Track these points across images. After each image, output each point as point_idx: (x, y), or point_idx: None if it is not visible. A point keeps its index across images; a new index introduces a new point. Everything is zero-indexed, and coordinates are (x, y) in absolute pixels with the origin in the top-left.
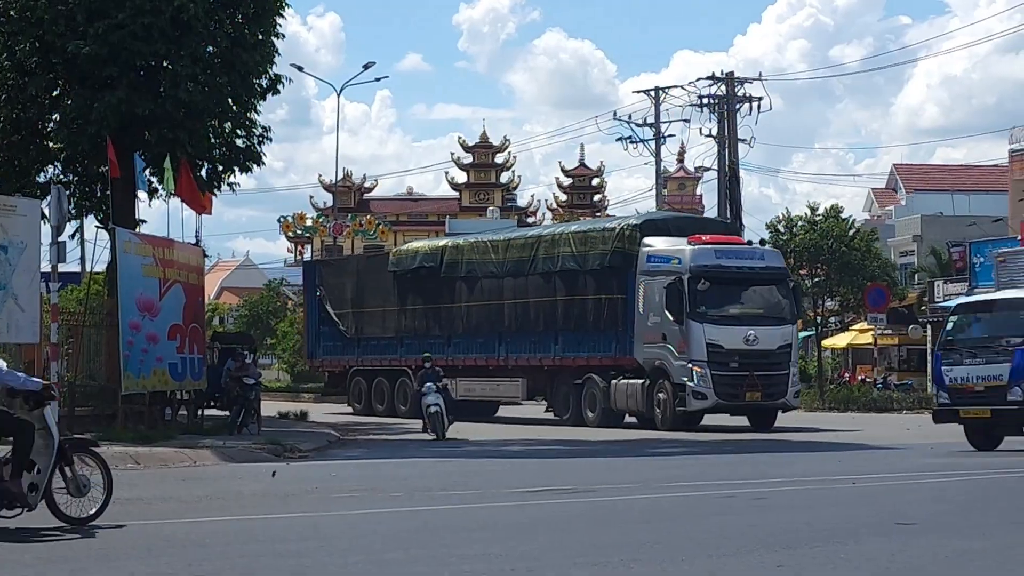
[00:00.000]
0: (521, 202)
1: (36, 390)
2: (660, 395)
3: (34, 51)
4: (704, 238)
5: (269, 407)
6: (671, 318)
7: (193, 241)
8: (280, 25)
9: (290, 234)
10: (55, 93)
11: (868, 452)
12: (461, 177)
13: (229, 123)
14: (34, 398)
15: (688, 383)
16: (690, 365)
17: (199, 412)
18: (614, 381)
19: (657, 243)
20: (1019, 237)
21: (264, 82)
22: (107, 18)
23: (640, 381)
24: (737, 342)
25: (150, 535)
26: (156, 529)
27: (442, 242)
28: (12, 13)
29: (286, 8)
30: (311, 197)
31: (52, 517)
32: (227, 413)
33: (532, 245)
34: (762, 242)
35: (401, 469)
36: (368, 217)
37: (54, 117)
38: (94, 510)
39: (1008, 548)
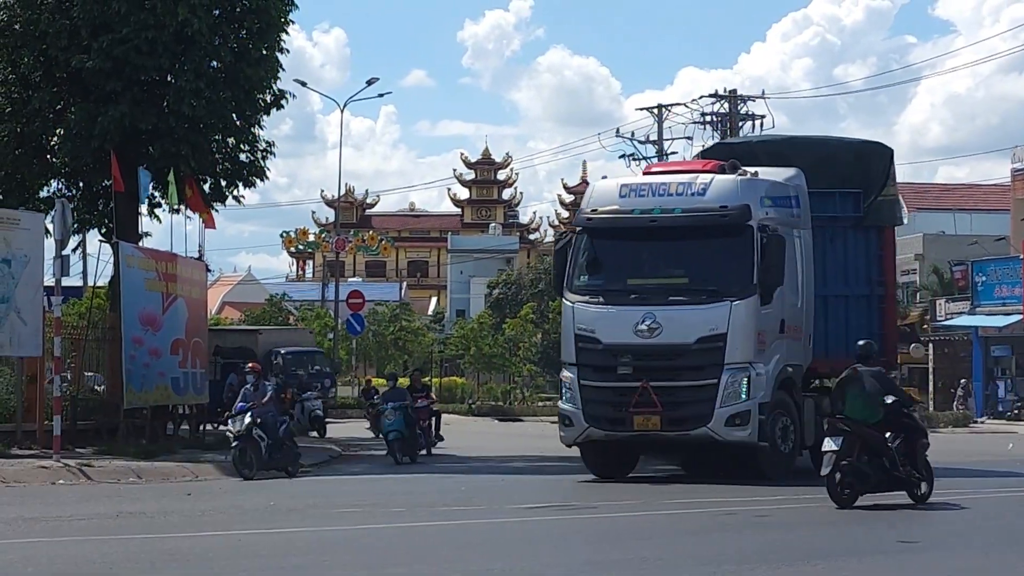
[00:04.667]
0: (523, 219)
1: None
2: None
3: (38, 65)
4: (655, 168)
5: None
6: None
7: (196, 256)
8: (284, 40)
9: (292, 249)
10: (59, 107)
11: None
12: (463, 193)
13: (232, 138)
14: None
15: (559, 401)
16: (564, 371)
17: (200, 427)
18: None
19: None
20: (1021, 256)
21: (268, 97)
22: (111, 32)
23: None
24: (623, 333)
25: (153, 549)
26: (159, 543)
27: None
28: (16, 27)
29: (290, 24)
30: (313, 213)
31: None
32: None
33: None
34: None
35: (403, 484)
36: (370, 233)
37: (58, 131)
38: None
39: (1010, 567)
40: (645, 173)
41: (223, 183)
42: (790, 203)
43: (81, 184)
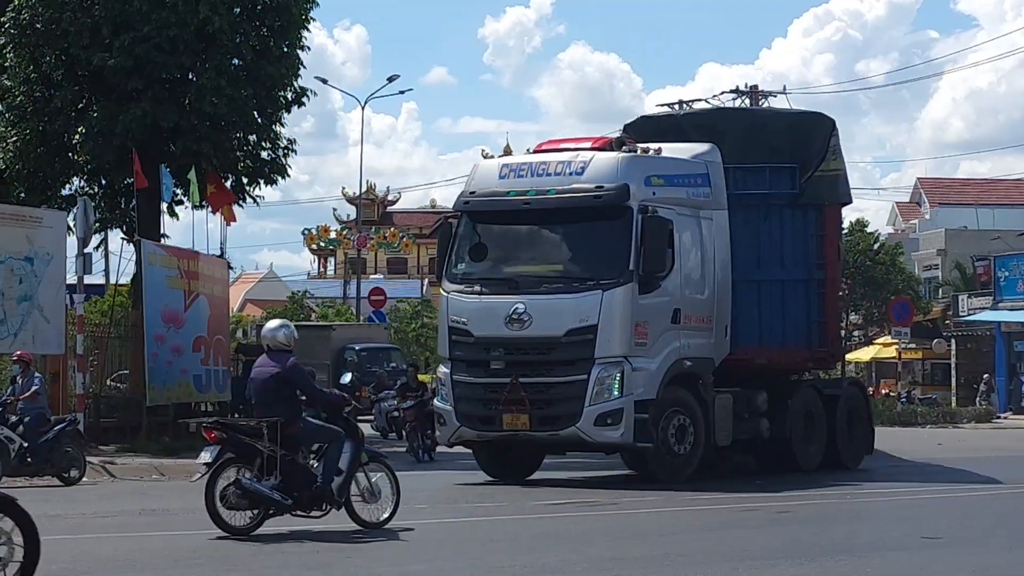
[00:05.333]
0: None
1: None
2: None
3: (59, 64)
4: (544, 146)
5: None
6: None
7: (218, 253)
8: (305, 38)
9: (314, 247)
10: (80, 105)
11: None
12: None
13: (254, 135)
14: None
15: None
16: (440, 367)
17: None
18: None
19: None
20: None
21: (289, 94)
22: (132, 31)
23: None
24: (495, 325)
25: (176, 546)
26: (182, 540)
27: None
28: (38, 26)
29: (311, 21)
30: (335, 210)
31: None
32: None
33: None
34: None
35: (425, 481)
36: (392, 230)
37: (80, 129)
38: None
39: None
40: (535, 151)
41: (245, 181)
42: (694, 181)
43: (103, 182)
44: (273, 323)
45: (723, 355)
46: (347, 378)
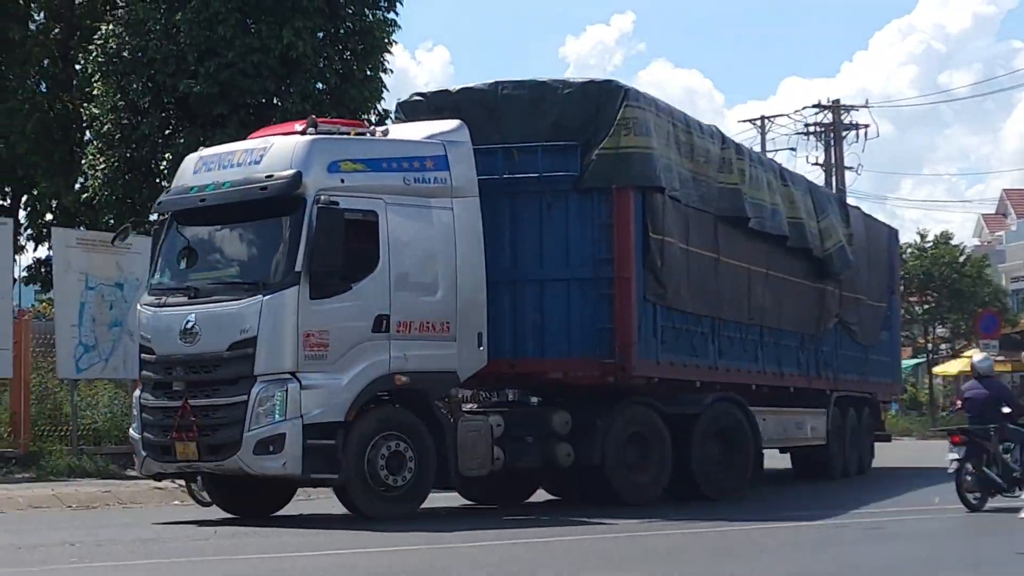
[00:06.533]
0: None
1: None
2: None
3: (146, 91)
4: (257, 133)
5: None
6: None
7: None
8: (388, 61)
9: None
10: (167, 132)
11: None
12: None
13: None
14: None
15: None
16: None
17: None
18: None
19: None
20: None
21: (373, 117)
22: (217, 57)
23: None
24: (172, 340)
25: (269, 569)
26: (275, 563)
27: None
28: (125, 54)
29: (394, 44)
30: None
31: None
32: None
33: None
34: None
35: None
36: None
37: (166, 156)
38: None
39: None
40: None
41: None
42: (422, 164)
43: None
44: (979, 356)
45: (475, 367)
46: None
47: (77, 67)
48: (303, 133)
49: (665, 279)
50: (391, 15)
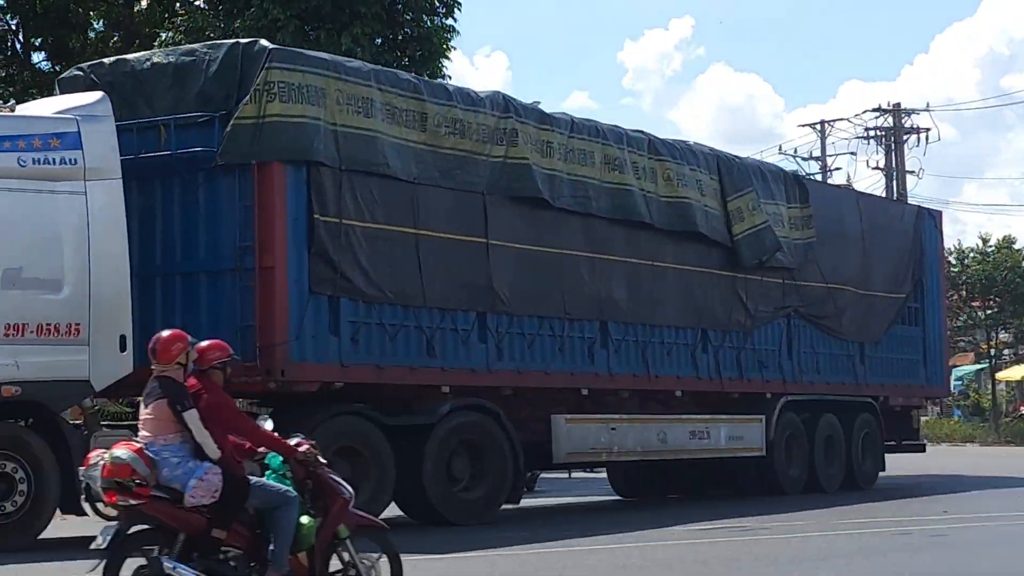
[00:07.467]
0: None
1: None
2: None
3: None
4: None
5: None
6: None
7: None
8: (447, 67)
9: None
10: None
11: None
12: None
13: None
14: None
15: None
16: None
17: None
18: None
19: None
20: None
21: None
22: None
23: None
24: None
25: None
26: None
27: None
28: None
29: (452, 50)
30: None
31: None
32: None
33: None
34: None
35: (556, 515)
36: None
37: None
38: None
39: None
40: None
41: None
42: (44, 144)
43: None
44: None
45: (117, 375)
46: None
47: None
48: None
49: (348, 269)
50: (449, 21)
